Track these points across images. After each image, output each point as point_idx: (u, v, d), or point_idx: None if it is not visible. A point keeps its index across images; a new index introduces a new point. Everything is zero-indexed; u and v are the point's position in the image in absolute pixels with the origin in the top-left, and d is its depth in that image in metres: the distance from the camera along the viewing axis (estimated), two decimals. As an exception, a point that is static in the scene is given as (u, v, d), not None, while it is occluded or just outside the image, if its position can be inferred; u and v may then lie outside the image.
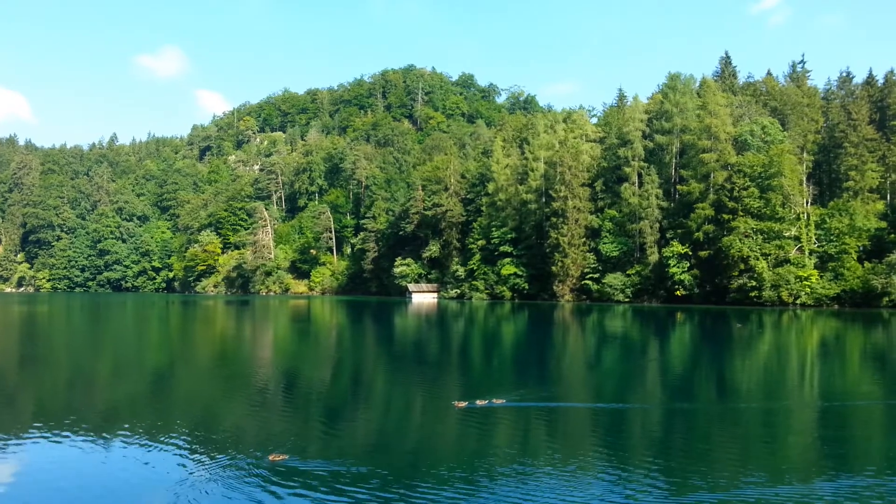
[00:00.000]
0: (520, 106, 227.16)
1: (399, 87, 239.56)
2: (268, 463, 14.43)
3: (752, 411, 22.44)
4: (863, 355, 41.95)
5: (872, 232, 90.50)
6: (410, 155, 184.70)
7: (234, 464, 14.50)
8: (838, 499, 12.66)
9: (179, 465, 14.52)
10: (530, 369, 33.80)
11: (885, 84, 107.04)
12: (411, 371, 33.00)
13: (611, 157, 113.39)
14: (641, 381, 30.32)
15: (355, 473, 13.95)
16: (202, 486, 13.06)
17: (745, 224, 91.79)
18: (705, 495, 12.82)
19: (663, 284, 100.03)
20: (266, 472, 13.87)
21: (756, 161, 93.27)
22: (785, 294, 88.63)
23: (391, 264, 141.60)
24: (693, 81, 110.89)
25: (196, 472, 13.98)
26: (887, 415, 21.88)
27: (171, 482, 13.30)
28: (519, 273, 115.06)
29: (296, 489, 12.88)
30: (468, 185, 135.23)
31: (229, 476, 13.64)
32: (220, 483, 13.22)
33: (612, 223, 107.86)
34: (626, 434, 18.93)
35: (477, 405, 21.60)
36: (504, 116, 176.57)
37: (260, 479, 13.43)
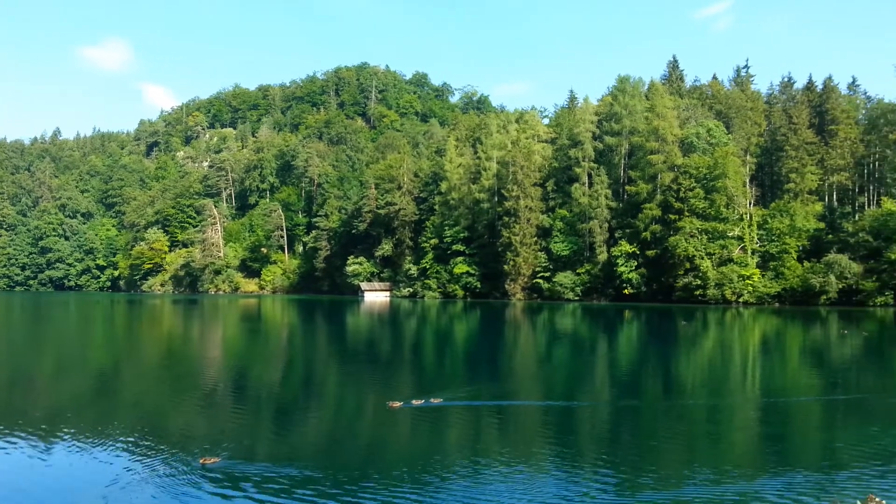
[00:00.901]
0: (473, 106, 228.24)
1: (352, 85, 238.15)
2: (199, 466, 14.19)
3: (698, 408, 22.97)
4: (802, 352, 43.38)
5: (811, 232, 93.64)
6: (363, 153, 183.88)
7: (168, 467, 14.28)
8: (781, 495, 12.87)
9: (112, 468, 14.28)
10: (479, 368, 33.98)
11: (824, 90, 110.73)
12: (360, 371, 32.86)
13: (562, 157, 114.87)
14: (590, 378, 30.81)
15: (290, 477, 13.77)
16: (132, 488, 12.88)
17: (691, 224, 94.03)
18: (654, 494, 12.97)
19: (612, 283, 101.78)
20: (197, 475, 13.65)
21: (701, 163, 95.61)
22: (728, 292, 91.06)
23: (343, 263, 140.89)
24: (642, 84, 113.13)
25: (127, 475, 13.76)
26: (825, 411, 22.65)
27: (101, 485, 13.08)
28: (471, 272, 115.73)
29: (223, 493, 12.69)
30: (421, 184, 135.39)
31: (160, 479, 13.43)
32: (151, 486, 13.04)
33: (563, 223, 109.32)
34: (574, 432, 19.02)
35: (413, 405, 21.35)
36: (457, 116, 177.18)
37: (190, 483, 13.21)
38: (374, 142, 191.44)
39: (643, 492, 13.12)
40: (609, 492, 13.13)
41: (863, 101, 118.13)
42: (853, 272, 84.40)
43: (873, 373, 33.34)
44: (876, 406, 23.11)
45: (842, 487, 13.09)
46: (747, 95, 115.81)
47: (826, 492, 12.81)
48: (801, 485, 13.53)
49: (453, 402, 22.37)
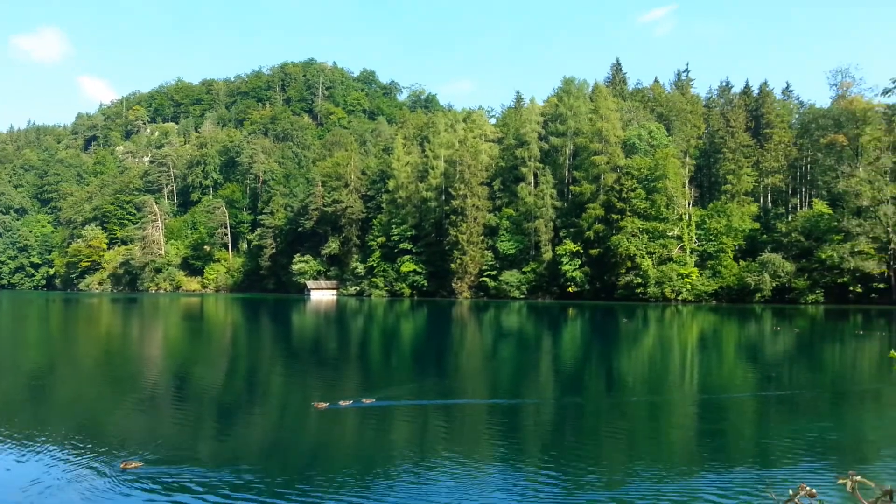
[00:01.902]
0: (421, 104, 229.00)
1: (299, 81, 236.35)
2: (118, 470, 13.89)
3: (639, 405, 23.79)
4: (737, 349, 45.17)
5: (747, 232, 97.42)
6: (310, 150, 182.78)
7: (90, 471, 14.00)
8: (719, 490, 13.40)
9: (33, 472, 14.04)
10: (424, 366, 34.35)
11: (760, 94, 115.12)
12: (301, 371, 32.79)
13: (508, 157, 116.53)
14: (535, 376, 31.50)
15: (210, 481, 13.46)
16: (51, 493, 12.66)
17: (633, 224, 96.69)
18: (598, 492, 13.24)
19: (556, 281, 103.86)
20: (117, 480, 13.35)
21: (643, 164, 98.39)
22: (668, 290, 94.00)
23: (289, 261, 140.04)
24: (586, 86, 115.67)
25: (48, 478, 13.51)
26: (759, 406, 23.79)
27: (18, 489, 12.85)
28: (418, 270, 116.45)
29: (139, 498, 12.46)
30: (369, 182, 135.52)
31: (79, 484, 13.14)
32: (69, 490, 12.81)
33: (509, 222, 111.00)
34: (519, 430, 19.28)
35: (340, 406, 21.04)
36: (405, 114, 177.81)
37: (108, 488, 12.91)
38: (321, 139, 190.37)
39: (587, 490, 13.43)
40: (554, 491, 13.37)
41: (796, 107, 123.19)
42: (786, 271, 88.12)
43: (804, 369, 35.05)
44: (806, 401, 24.40)
45: (776, 480, 13.86)
46: (687, 99, 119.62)
47: (761, 484, 13.40)
48: (737, 479, 14.21)
49: (388, 402, 22.22)
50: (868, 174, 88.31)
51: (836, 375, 32.63)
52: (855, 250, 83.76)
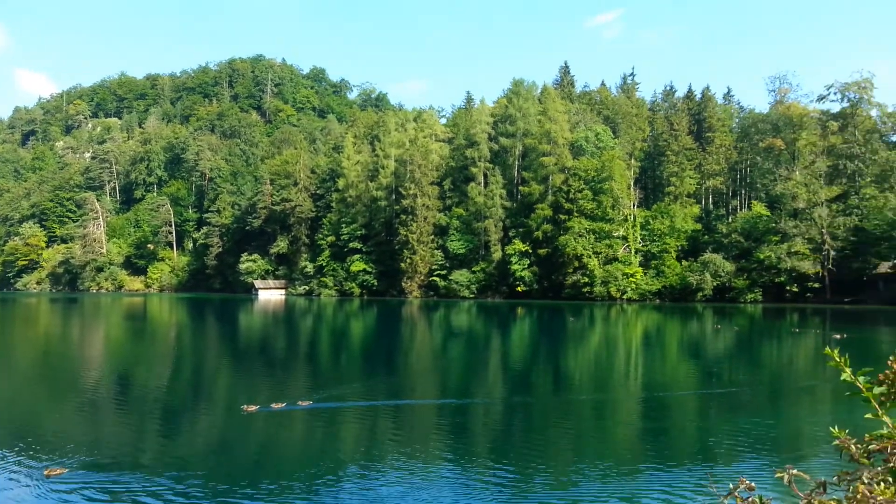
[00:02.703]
0: (371, 103, 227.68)
1: (247, 78, 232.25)
2: (41, 478, 13.37)
3: (585, 403, 24.74)
4: (680, 347, 47.04)
5: (689, 233, 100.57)
6: (258, 148, 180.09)
7: (9, 479, 13.54)
8: (663, 486, 13.92)
9: None
10: (372, 367, 34.51)
11: (702, 99, 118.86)
12: (243, 373, 32.42)
13: (458, 157, 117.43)
14: (483, 375, 32.34)
15: (134, 488, 13.19)
16: None
17: (580, 224, 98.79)
18: (546, 492, 13.56)
19: (506, 281, 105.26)
20: (41, 488, 12.91)
21: (590, 165, 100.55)
22: (613, 290, 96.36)
23: (237, 260, 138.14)
24: (535, 88, 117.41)
25: None
26: (701, 404, 25.03)
27: None
28: (368, 270, 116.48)
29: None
30: (318, 181, 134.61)
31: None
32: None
33: (459, 221, 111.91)
34: (466, 431, 19.50)
35: (272, 409, 20.51)
36: (355, 113, 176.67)
37: (25, 497, 12.52)
38: (270, 136, 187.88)
39: (536, 490, 13.76)
40: (503, 491, 13.65)
41: (736, 111, 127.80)
42: (726, 271, 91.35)
43: (744, 366, 36.91)
44: (746, 398, 25.93)
45: (717, 475, 14.98)
46: (633, 102, 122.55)
47: (704, 480, 14.08)
48: (681, 475, 14.89)
49: (327, 403, 21.97)
50: (804, 177, 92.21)
51: (774, 373, 34.58)
52: (791, 251, 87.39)
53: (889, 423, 3.01)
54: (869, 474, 2.87)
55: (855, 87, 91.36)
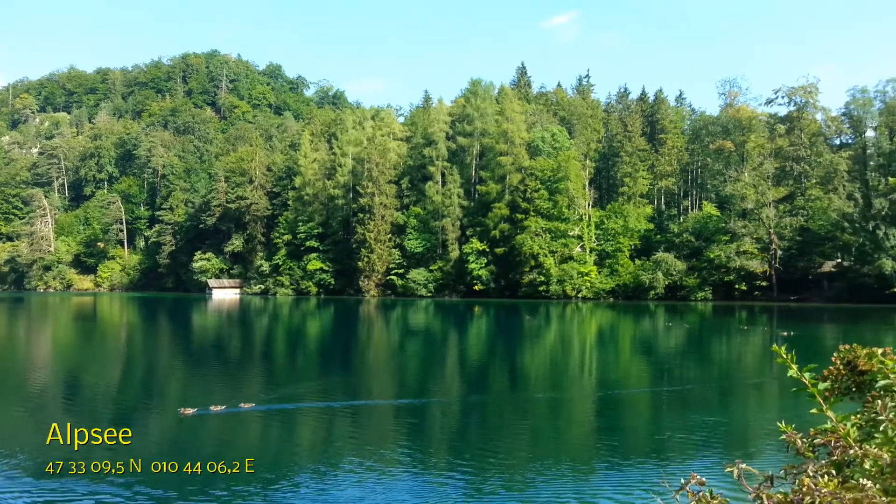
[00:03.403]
0: (329, 100, 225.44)
1: (201, 73, 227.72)
2: None
3: (541, 402, 25.17)
4: (633, 345, 48.07)
5: (642, 233, 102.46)
6: (213, 144, 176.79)
7: None
8: (617, 482, 14.52)
9: None
10: (327, 367, 34.39)
11: (655, 101, 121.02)
12: (194, 374, 32.10)
13: (416, 155, 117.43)
14: (440, 375, 32.58)
15: (60, 494, 13.14)
16: None
17: (536, 223, 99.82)
18: (502, 492, 13.93)
19: (463, 279, 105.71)
20: None
21: (546, 165, 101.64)
22: (569, 288, 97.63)
23: (190, 259, 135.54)
24: (492, 88, 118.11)
25: None
26: (653, 401, 25.73)
27: None
28: (325, 268, 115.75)
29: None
30: (274, 179, 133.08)
31: None
32: None
33: (417, 220, 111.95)
34: (421, 431, 19.79)
35: (211, 411, 20.17)
36: (312, 110, 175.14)
37: None
38: (225, 133, 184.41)
39: (493, 490, 14.11)
40: (460, 492, 13.95)
41: (688, 113, 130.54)
42: (678, 269, 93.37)
43: (694, 364, 37.92)
44: (697, 395, 26.70)
45: (669, 471, 15.42)
46: (588, 103, 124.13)
47: (657, 475, 14.70)
48: (634, 472, 15.58)
49: (274, 405, 21.76)
50: (752, 179, 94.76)
51: (724, 370, 35.61)
52: (740, 250, 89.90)
53: (833, 418, 3.21)
54: (814, 467, 3.01)
55: (801, 91, 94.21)
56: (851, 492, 2.49)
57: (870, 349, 3.79)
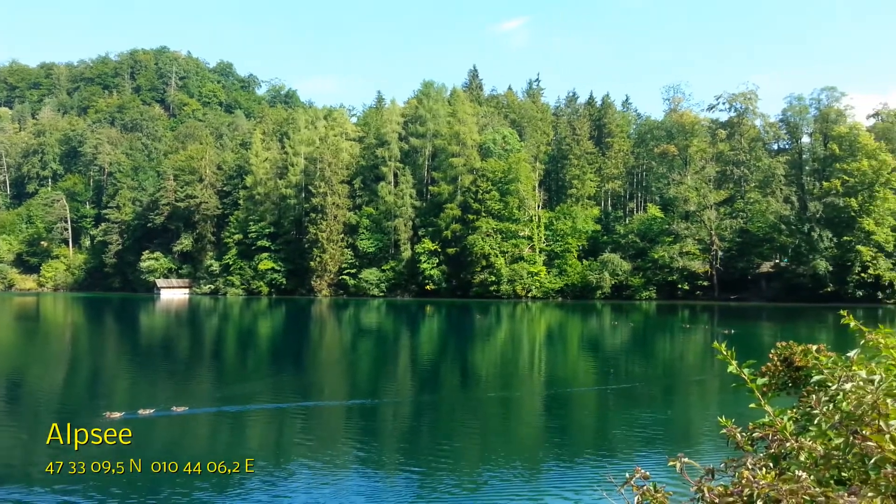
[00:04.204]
0: (281, 99, 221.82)
1: (150, 69, 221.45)
2: None
3: (491, 401, 25.43)
4: (580, 343, 48.88)
5: (590, 233, 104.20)
6: (161, 142, 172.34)
7: None
8: (565, 480, 14.91)
9: None
10: (277, 368, 34.03)
11: (603, 105, 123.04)
12: (135, 376, 31.45)
13: (369, 156, 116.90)
14: (392, 375, 32.62)
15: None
16: None
17: (487, 224, 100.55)
18: (452, 492, 14.06)
19: (415, 279, 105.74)
20: None
21: (497, 167, 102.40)
22: (519, 288, 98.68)
23: (137, 258, 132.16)
24: (445, 90, 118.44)
25: None
26: (600, 399, 26.22)
27: None
28: (277, 268, 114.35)
29: None
30: (225, 177, 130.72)
31: None
32: None
33: (370, 220, 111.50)
34: (372, 433, 19.69)
35: (139, 415, 19.58)
36: (264, 109, 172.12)
37: None
38: (174, 131, 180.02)
39: (445, 491, 14.25)
40: (412, 493, 14.11)
41: (634, 118, 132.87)
42: (623, 270, 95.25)
43: (639, 362, 38.79)
44: (642, 393, 27.37)
45: (616, 466, 15.80)
46: (538, 107, 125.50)
47: (603, 472, 15.02)
48: (582, 469, 16.03)
49: (213, 408, 21.40)
50: (695, 182, 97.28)
51: (667, 367, 36.53)
52: (683, 251, 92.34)
53: (770, 412, 3.39)
54: (753, 460, 3.14)
55: (741, 97, 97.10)
56: (788, 483, 2.57)
57: (805, 346, 4.02)
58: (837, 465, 2.81)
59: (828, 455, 2.85)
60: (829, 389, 3.23)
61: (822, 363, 3.58)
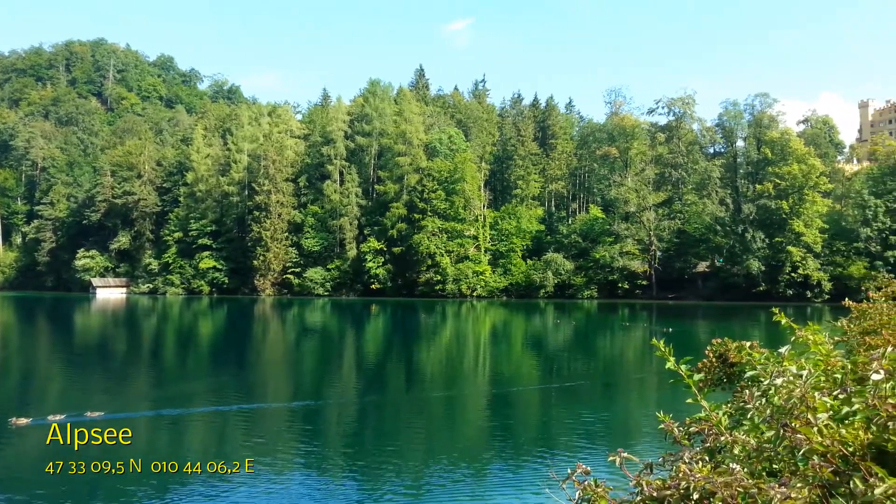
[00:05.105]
0: (223, 95, 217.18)
1: (87, 62, 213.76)
2: None
3: (436, 401, 25.51)
4: (524, 342, 49.41)
5: (534, 233, 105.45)
6: (98, 137, 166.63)
7: None
8: (509, 478, 15.07)
9: None
10: (216, 369, 33.51)
11: (547, 107, 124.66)
12: (58, 380, 30.46)
13: (314, 154, 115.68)
14: (337, 375, 32.39)
15: None
16: None
17: (433, 223, 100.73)
18: (397, 496, 14.01)
19: (361, 278, 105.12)
20: None
21: (444, 167, 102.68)
22: (464, 287, 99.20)
23: (72, 257, 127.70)
24: (391, 89, 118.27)
25: None
26: (543, 398, 26.53)
27: None
28: (218, 267, 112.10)
29: None
30: (165, 174, 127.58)
31: None
32: None
33: (315, 219, 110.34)
34: (316, 435, 19.59)
35: (48, 421, 18.62)
36: (206, 104, 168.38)
37: None
38: (112, 125, 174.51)
39: (389, 493, 14.21)
40: (356, 495, 14.06)
41: (577, 120, 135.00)
42: (566, 269, 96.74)
43: (581, 360, 39.45)
44: (583, 390, 27.85)
45: (558, 462, 16.01)
46: (483, 108, 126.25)
47: (545, 469, 15.16)
48: (526, 467, 16.20)
49: (134, 413, 20.75)
50: (635, 184, 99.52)
51: (608, 365, 37.27)
52: (623, 251, 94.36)
53: (706, 407, 3.47)
54: (689, 454, 3.25)
55: (679, 102, 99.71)
56: (722, 476, 2.64)
57: (739, 343, 4.15)
58: (769, 457, 2.91)
59: (760, 448, 2.94)
60: (761, 384, 3.35)
61: (755, 359, 3.71)
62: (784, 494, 2.42)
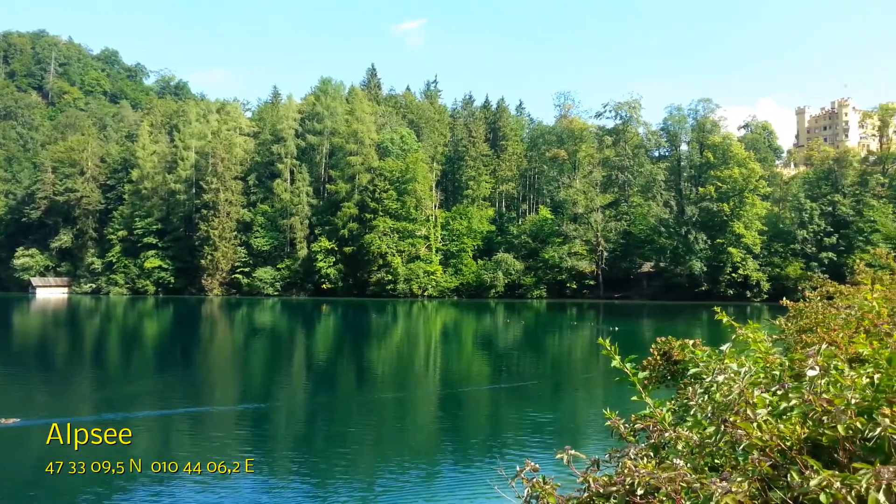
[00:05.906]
0: (170, 91, 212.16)
1: (26, 54, 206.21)
2: None
3: (386, 402, 25.41)
4: (474, 342, 49.65)
5: (485, 234, 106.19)
6: (38, 132, 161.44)
7: None
8: (460, 477, 15.17)
9: None
10: (160, 372, 32.78)
11: (498, 109, 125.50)
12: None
13: (264, 152, 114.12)
14: (286, 377, 32.04)
15: None
16: None
17: (384, 223, 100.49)
18: (348, 497, 13.97)
19: (311, 278, 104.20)
20: None
21: (395, 167, 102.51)
22: (415, 287, 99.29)
23: (10, 255, 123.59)
24: (343, 88, 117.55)
25: None
26: (493, 398, 26.72)
27: None
28: (164, 266, 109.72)
29: None
30: (109, 171, 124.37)
31: None
32: None
33: (264, 218, 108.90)
34: (265, 437, 19.32)
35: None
36: (152, 100, 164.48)
37: None
38: (53, 120, 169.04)
39: (337, 495, 14.15)
40: (304, 497, 13.98)
41: (527, 122, 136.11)
42: (516, 269, 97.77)
43: (530, 359, 39.86)
44: (532, 390, 28.15)
45: (508, 461, 16.15)
46: (435, 108, 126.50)
47: (496, 469, 15.20)
48: (475, 467, 16.29)
49: (55, 418, 19.57)
50: (583, 185, 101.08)
51: (557, 364, 37.76)
52: (571, 251, 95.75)
53: (651, 404, 3.56)
54: (635, 451, 3.32)
55: (626, 106, 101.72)
56: (666, 471, 2.71)
57: (682, 341, 4.26)
58: (711, 452, 3.00)
59: (702, 443, 3.02)
60: (703, 381, 3.45)
61: (697, 357, 3.82)
62: (725, 489, 2.49)
